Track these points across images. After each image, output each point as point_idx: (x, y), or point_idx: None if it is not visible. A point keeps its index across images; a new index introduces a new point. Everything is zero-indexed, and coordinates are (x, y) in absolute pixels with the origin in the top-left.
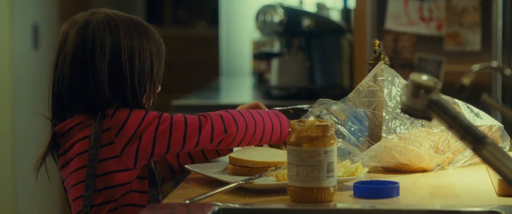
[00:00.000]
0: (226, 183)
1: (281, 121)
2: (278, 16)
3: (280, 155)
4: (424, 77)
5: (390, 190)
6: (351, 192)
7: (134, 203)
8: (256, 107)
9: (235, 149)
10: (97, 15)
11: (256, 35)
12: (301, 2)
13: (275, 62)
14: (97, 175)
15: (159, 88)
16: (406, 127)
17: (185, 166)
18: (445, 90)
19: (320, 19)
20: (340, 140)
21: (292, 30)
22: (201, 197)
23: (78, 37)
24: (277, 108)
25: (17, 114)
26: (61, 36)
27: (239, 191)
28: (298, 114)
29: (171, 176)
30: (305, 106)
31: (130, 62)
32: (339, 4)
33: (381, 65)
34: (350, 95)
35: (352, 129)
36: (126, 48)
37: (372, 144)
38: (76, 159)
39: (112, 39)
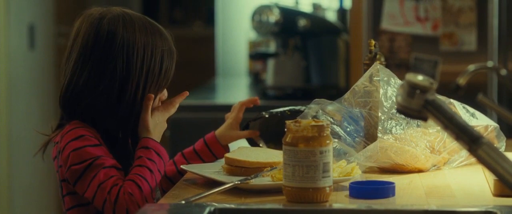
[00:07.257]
0: (222, 183)
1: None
2: (274, 16)
3: (275, 155)
4: (420, 78)
5: (386, 190)
6: (347, 192)
7: None
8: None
9: (231, 149)
10: (112, 10)
11: (252, 35)
12: (297, 2)
13: (271, 62)
14: (64, 194)
15: (166, 94)
16: (401, 127)
17: (181, 166)
18: (440, 91)
19: (316, 19)
20: (336, 140)
21: (288, 30)
22: (197, 197)
23: (92, 29)
24: (274, 110)
25: (13, 114)
26: (74, 32)
27: (235, 191)
28: (296, 117)
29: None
30: (302, 108)
31: (142, 57)
32: (335, 4)
33: (377, 66)
34: (346, 95)
35: (348, 129)
36: (140, 44)
37: (368, 144)
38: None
39: (125, 33)
